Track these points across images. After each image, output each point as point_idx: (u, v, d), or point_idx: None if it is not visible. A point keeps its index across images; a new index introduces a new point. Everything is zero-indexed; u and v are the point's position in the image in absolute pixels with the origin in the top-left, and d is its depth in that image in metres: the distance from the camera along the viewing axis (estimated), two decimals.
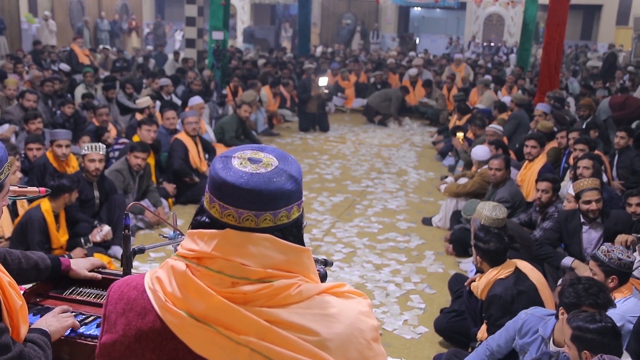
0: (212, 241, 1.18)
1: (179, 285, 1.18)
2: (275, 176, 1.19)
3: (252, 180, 1.17)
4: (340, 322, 1.17)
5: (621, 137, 6.67)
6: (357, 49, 21.91)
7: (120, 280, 1.32)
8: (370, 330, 1.21)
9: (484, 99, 10.88)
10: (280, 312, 1.15)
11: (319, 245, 5.81)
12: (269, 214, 1.18)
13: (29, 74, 11.08)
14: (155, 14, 25.71)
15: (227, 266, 1.16)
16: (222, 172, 1.19)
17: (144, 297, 1.23)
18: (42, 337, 1.81)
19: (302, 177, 1.25)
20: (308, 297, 1.18)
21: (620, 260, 3.27)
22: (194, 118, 7.21)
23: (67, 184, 4.84)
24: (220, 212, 1.19)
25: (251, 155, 1.24)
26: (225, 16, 11.76)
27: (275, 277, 1.17)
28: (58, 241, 4.85)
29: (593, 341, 2.60)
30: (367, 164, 9.12)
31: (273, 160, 1.23)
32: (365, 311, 1.23)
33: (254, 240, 1.17)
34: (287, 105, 12.24)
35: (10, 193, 1.80)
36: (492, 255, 3.76)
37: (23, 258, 2.11)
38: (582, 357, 2.65)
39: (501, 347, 3.37)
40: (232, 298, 1.15)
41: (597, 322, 2.64)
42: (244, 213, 1.17)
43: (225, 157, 1.23)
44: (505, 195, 5.57)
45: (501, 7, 23.60)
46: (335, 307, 1.19)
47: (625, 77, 14.58)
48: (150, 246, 2.37)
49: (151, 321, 1.20)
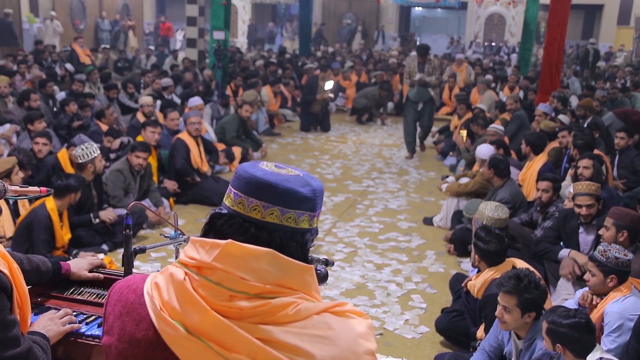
0: (213, 251, 1.16)
1: (176, 295, 1.18)
2: (293, 179, 1.21)
3: (270, 175, 1.20)
4: (336, 345, 1.15)
5: (621, 138, 6.71)
6: (358, 49, 21.91)
7: (122, 281, 1.32)
8: (367, 354, 1.18)
9: (485, 99, 10.87)
10: (276, 331, 1.13)
11: (320, 245, 5.81)
12: (276, 208, 1.18)
13: (30, 73, 11.09)
14: (156, 14, 25.72)
15: (227, 279, 1.15)
16: (248, 168, 1.23)
17: (142, 302, 1.22)
18: (43, 341, 1.82)
19: (322, 194, 1.26)
20: (307, 316, 1.16)
21: (618, 258, 3.28)
22: (196, 118, 7.22)
23: (74, 184, 4.89)
24: (233, 200, 1.21)
25: (279, 164, 1.29)
26: (226, 16, 11.77)
27: (275, 293, 1.15)
28: (62, 239, 4.87)
29: (565, 335, 2.78)
30: (368, 163, 9.12)
31: (298, 172, 1.26)
32: (364, 334, 1.20)
33: (256, 255, 1.15)
34: (288, 105, 12.24)
35: (11, 193, 1.80)
36: (491, 256, 3.77)
37: (25, 260, 2.12)
38: (555, 349, 2.84)
39: (492, 345, 3.43)
40: (228, 313, 1.14)
41: (571, 317, 2.80)
42: (253, 202, 1.19)
43: (256, 161, 1.28)
44: (505, 196, 5.57)
45: (502, 6, 23.57)
46: (334, 328, 1.17)
47: (626, 78, 14.58)
48: (151, 246, 2.37)
49: (145, 329, 1.20)
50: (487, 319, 3.66)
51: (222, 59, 11.52)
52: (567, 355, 2.80)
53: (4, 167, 4.83)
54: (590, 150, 5.99)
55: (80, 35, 16.61)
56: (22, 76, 10.81)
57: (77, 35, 16.42)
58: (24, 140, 6.67)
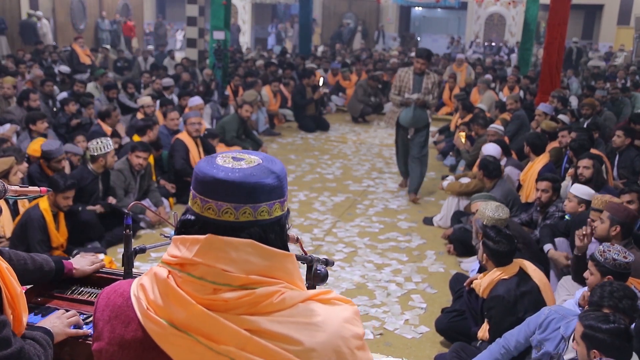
0: (193, 247, 1.16)
1: (160, 293, 1.18)
2: (256, 171, 1.19)
3: (232, 174, 1.17)
4: (323, 331, 1.15)
5: (618, 136, 6.71)
6: (358, 49, 21.90)
7: (108, 287, 1.33)
8: (354, 339, 1.19)
9: (485, 99, 10.87)
10: (262, 321, 1.13)
11: (320, 245, 5.81)
12: (248, 207, 1.17)
13: (30, 73, 11.09)
14: (156, 14, 25.71)
15: (209, 272, 1.15)
16: (205, 167, 1.20)
17: (129, 304, 1.23)
18: (44, 336, 1.82)
19: (285, 176, 1.24)
20: (292, 304, 1.16)
21: (615, 260, 3.27)
22: (196, 119, 7.22)
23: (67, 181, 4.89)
24: (201, 206, 1.18)
25: (236, 155, 1.24)
26: (226, 16, 11.77)
27: (258, 283, 1.15)
28: (57, 240, 4.88)
29: (604, 341, 2.60)
30: (368, 163, 9.11)
31: (256, 159, 1.23)
32: (350, 318, 1.21)
33: (235, 246, 1.15)
34: (288, 105, 12.25)
35: (11, 193, 1.81)
36: (500, 256, 3.76)
37: (29, 259, 2.13)
38: (590, 355, 2.64)
39: (520, 343, 3.34)
40: (213, 305, 1.14)
41: (611, 322, 2.62)
42: (223, 206, 1.16)
43: (210, 157, 1.25)
44: (497, 195, 5.55)
45: (502, 6, 23.56)
46: (320, 315, 1.17)
47: (627, 77, 14.58)
48: (151, 246, 2.37)
49: (133, 330, 1.20)
50: (492, 320, 3.65)
51: (222, 59, 11.52)
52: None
53: (1, 167, 4.82)
54: (584, 152, 5.99)
55: (80, 35, 16.61)
56: (22, 76, 10.81)
57: (77, 35, 16.42)
58: (25, 140, 6.67)
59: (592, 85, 12.56)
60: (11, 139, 6.92)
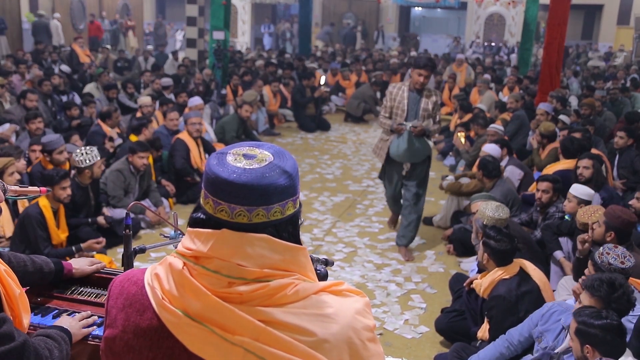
0: (208, 241, 1.17)
1: (175, 284, 1.19)
2: (268, 171, 1.18)
3: (244, 176, 1.16)
4: (336, 322, 1.17)
5: (620, 137, 6.71)
6: (358, 49, 21.89)
7: (121, 275, 1.33)
8: (366, 330, 1.20)
9: (485, 99, 10.87)
10: (276, 312, 1.14)
11: (320, 244, 5.81)
12: (261, 209, 1.17)
13: (30, 73, 11.09)
14: (156, 14, 25.71)
15: (224, 266, 1.16)
16: (216, 167, 1.19)
17: (143, 293, 1.23)
18: (60, 333, 1.83)
19: (297, 173, 1.24)
20: (305, 296, 1.17)
21: (611, 264, 3.28)
22: (197, 119, 7.21)
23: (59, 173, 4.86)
24: (214, 207, 1.18)
25: (247, 151, 1.23)
26: (226, 16, 11.76)
27: (272, 276, 1.16)
28: (58, 237, 4.87)
29: (596, 337, 2.65)
30: (368, 163, 9.11)
31: (268, 156, 1.22)
32: (362, 310, 1.22)
33: (250, 241, 1.16)
34: (288, 105, 12.26)
35: (10, 193, 1.81)
36: (502, 255, 3.77)
37: (28, 261, 2.13)
38: (584, 350, 2.70)
39: (524, 337, 3.37)
40: (228, 298, 1.15)
41: (603, 318, 2.67)
42: (236, 208, 1.16)
43: (221, 153, 1.23)
44: (497, 195, 5.54)
45: (502, 6, 23.55)
46: (332, 306, 1.18)
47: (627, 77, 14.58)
48: (151, 246, 2.37)
49: (149, 318, 1.21)
50: (494, 319, 3.65)
51: (222, 59, 11.52)
52: (596, 358, 2.68)
53: None
54: (575, 154, 5.97)
55: (80, 35, 16.61)
56: (21, 76, 10.81)
57: (77, 35, 16.41)
58: (24, 140, 6.67)
59: (592, 85, 12.56)
60: (10, 138, 6.93)
